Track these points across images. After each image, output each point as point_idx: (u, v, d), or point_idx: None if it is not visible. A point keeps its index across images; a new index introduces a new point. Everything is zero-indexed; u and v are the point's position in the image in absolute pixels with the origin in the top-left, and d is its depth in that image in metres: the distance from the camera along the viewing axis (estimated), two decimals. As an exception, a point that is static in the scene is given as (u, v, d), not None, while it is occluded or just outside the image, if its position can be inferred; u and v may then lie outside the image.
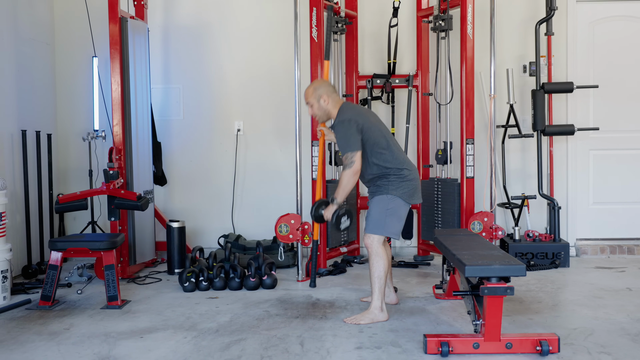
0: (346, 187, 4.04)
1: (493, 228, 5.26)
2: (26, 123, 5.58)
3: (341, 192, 4.06)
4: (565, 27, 6.07)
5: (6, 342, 3.68)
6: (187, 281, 4.85)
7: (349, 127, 4.03)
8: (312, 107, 4.24)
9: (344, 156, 4.03)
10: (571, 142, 6.11)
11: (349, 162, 4.00)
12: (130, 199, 4.96)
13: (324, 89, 4.23)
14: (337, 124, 4.13)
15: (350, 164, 3.99)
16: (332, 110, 4.20)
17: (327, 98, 4.19)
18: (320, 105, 4.20)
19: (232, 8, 6.27)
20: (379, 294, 3.98)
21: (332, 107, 4.20)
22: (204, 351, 3.48)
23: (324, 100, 4.19)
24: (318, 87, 4.26)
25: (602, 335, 3.67)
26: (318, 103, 4.20)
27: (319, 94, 4.20)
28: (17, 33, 5.57)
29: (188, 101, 6.31)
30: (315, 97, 4.20)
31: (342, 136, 4.05)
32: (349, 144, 4.01)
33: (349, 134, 4.02)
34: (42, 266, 5.47)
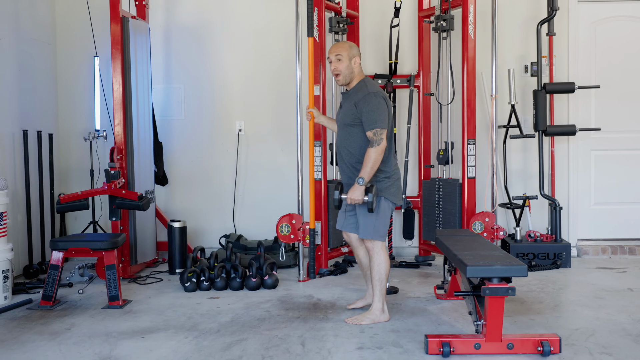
0: (375, 166, 3.82)
1: (494, 228, 5.26)
2: (28, 123, 5.58)
3: (369, 170, 3.81)
4: (567, 27, 6.06)
5: (7, 342, 3.68)
6: (189, 281, 4.85)
7: (381, 103, 3.87)
8: (339, 62, 3.96)
9: (371, 130, 3.82)
10: (573, 143, 6.11)
11: (378, 139, 3.81)
12: (132, 198, 4.96)
13: (358, 52, 4.04)
14: (367, 96, 3.88)
15: (380, 141, 3.81)
16: (356, 76, 4.02)
17: (358, 61, 4.02)
18: (351, 64, 3.97)
19: (234, 8, 6.26)
20: (380, 296, 3.96)
21: (358, 73, 4.02)
22: (205, 351, 3.48)
23: (355, 61, 4.00)
24: (354, 46, 4.05)
25: (603, 335, 3.66)
26: (349, 61, 3.97)
27: (354, 54, 4.00)
28: (18, 33, 5.58)
29: (189, 101, 6.31)
30: (349, 54, 3.97)
31: (374, 109, 3.84)
32: (380, 118, 3.83)
33: (381, 109, 3.85)
34: (43, 266, 5.47)
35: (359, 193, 3.82)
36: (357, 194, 3.82)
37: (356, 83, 4.03)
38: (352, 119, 3.95)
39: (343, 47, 4.03)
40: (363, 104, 3.88)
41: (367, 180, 3.82)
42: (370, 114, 3.85)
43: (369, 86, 3.97)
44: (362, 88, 3.97)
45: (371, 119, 3.84)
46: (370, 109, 3.85)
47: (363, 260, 4.20)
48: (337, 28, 5.73)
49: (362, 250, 4.17)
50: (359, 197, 3.82)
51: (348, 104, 4.00)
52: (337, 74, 4.00)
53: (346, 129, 4.01)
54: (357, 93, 3.97)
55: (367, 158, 3.83)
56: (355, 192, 3.82)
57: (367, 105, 3.87)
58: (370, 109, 3.86)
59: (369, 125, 3.85)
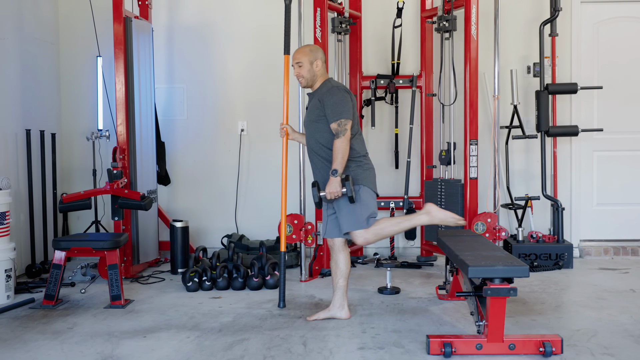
0: (345, 156, 3.83)
1: (496, 229, 5.26)
2: (30, 122, 5.59)
3: (341, 161, 3.82)
4: (570, 28, 6.06)
5: (10, 341, 3.69)
6: (191, 281, 4.86)
7: (344, 96, 3.91)
8: (301, 68, 4.01)
9: (336, 122, 3.84)
10: (575, 143, 6.10)
11: (342, 129, 3.82)
12: (134, 198, 4.97)
13: (321, 55, 4.07)
14: (330, 90, 3.93)
15: (344, 131, 3.82)
16: (319, 78, 4.04)
17: (320, 64, 4.04)
18: (312, 68, 4.01)
19: (236, 8, 6.27)
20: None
21: (320, 75, 4.05)
22: (207, 351, 3.48)
23: (317, 65, 4.02)
24: (315, 50, 4.08)
25: (605, 336, 3.66)
26: (310, 65, 4.00)
27: (315, 57, 4.02)
28: (21, 33, 5.59)
29: (192, 101, 6.32)
30: (310, 58, 4.02)
31: (337, 102, 3.87)
32: (343, 110, 3.86)
33: (344, 101, 3.88)
34: (45, 265, 5.49)
35: (336, 185, 3.81)
36: (334, 186, 3.82)
37: (320, 83, 4.06)
38: (317, 114, 3.97)
39: (303, 52, 4.06)
40: (327, 97, 3.92)
41: (340, 171, 3.82)
42: (334, 105, 3.88)
43: (333, 82, 4.04)
44: (325, 84, 4.02)
45: (335, 110, 3.87)
46: (334, 101, 3.88)
47: (341, 265, 4.05)
48: (340, 28, 5.74)
49: (343, 255, 4.06)
50: (337, 189, 3.81)
51: (314, 101, 4.03)
52: (301, 79, 4.06)
53: (312, 125, 4.01)
54: (321, 89, 4.01)
55: (336, 149, 3.83)
56: (332, 185, 3.82)
57: (330, 98, 3.90)
58: (333, 101, 3.89)
59: (333, 116, 3.86)
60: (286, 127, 4.39)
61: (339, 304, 4.04)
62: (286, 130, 4.39)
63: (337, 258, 4.06)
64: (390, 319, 4.05)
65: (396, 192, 6.01)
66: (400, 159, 6.09)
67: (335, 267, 4.06)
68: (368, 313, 4.19)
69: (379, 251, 6.07)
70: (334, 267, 4.08)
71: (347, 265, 4.06)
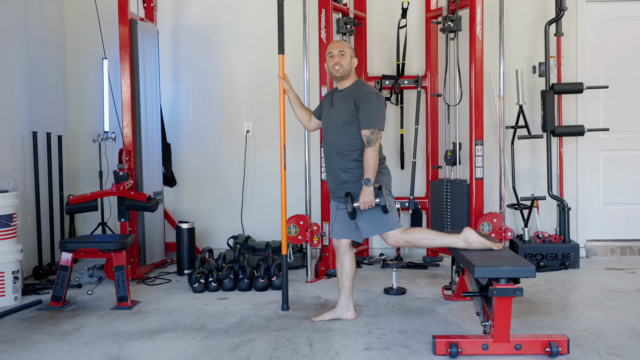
0: (376, 165, 3.80)
1: (502, 229, 5.25)
2: (37, 125, 5.61)
3: (373, 170, 3.77)
4: (575, 27, 6.05)
5: (17, 342, 3.70)
6: (197, 282, 4.87)
7: (381, 104, 3.86)
8: (343, 57, 3.94)
9: (369, 129, 3.78)
10: (581, 143, 6.09)
11: (374, 138, 3.78)
12: (140, 200, 4.98)
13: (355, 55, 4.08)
14: (369, 95, 3.84)
15: (376, 140, 3.78)
16: (352, 75, 4.00)
17: (356, 62, 4.04)
18: (351, 62, 3.97)
19: (241, 10, 6.28)
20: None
21: (353, 73, 4.01)
22: (213, 352, 3.49)
23: (354, 62, 4.00)
24: (353, 49, 4.08)
25: (612, 336, 3.65)
26: (350, 59, 3.97)
27: (354, 54, 4.03)
28: (28, 35, 5.61)
29: (197, 103, 6.33)
30: (351, 53, 4.00)
31: (374, 109, 3.81)
32: (379, 119, 3.82)
33: (380, 110, 3.84)
34: (52, 267, 5.51)
35: (370, 195, 3.76)
36: (367, 196, 3.77)
37: (352, 82, 4.01)
38: (351, 117, 3.89)
39: (345, 44, 4.05)
40: (364, 101, 3.83)
41: (373, 181, 3.78)
42: (371, 112, 3.81)
43: (368, 86, 3.97)
44: (361, 87, 3.94)
45: (371, 118, 3.81)
46: (371, 108, 3.82)
47: (347, 266, 4.05)
48: (345, 29, 5.74)
49: (348, 256, 4.06)
50: (371, 199, 3.76)
51: (345, 102, 3.94)
52: (339, 67, 3.94)
53: (341, 127, 3.92)
54: (356, 91, 3.92)
55: (368, 158, 3.79)
56: (365, 195, 3.77)
57: (368, 104, 3.83)
58: (371, 107, 3.82)
59: (367, 123, 3.81)
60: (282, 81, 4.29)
61: (345, 304, 4.04)
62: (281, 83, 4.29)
63: (343, 259, 4.06)
64: (396, 319, 4.05)
65: (402, 192, 6.01)
66: (406, 159, 6.09)
67: (341, 268, 4.06)
68: (374, 313, 4.19)
69: (384, 252, 6.07)
70: (339, 268, 4.08)
71: (353, 266, 4.06)
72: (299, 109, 4.33)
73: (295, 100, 4.32)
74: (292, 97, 4.31)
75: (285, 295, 4.32)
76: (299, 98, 4.36)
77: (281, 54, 4.44)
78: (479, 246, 3.79)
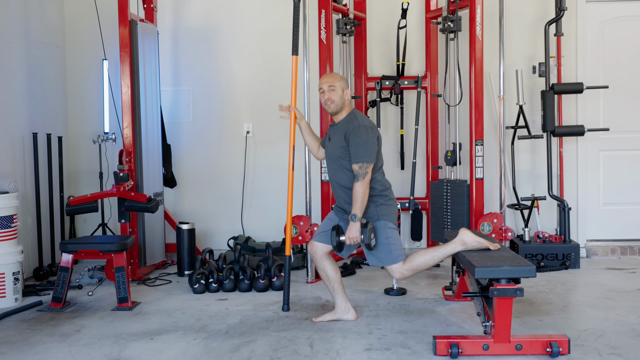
0: (364, 200, 3.79)
1: (503, 229, 5.25)
2: (37, 126, 5.62)
3: (360, 205, 3.77)
4: (575, 27, 6.05)
5: (18, 344, 3.70)
6: (197, 283, 4.87)
7: (371, 136, 3.85)
8: (333, 92, 3.95)
9: (357, 164, 3.80)
10: (581, 143, 6.09)
11: (363, 173, 3.78)
12: (141, 201, 4.98)
13: (347, 85, 4.06)
14: (357, 129, 3.84)
15: (365, 175, 3.78)
16: (346, 107, 4.00)
17: (349, 93, 4.02)
18: (343, 95, 3.97)
19: (241, 11, 6.29)
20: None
21: (347, 105, 4.01)
22: (214, 353, 3.49)
23: (346, 93, 3.99)
24: (344, 79, 4.05)
25: (612, 336, 3.65)
26: (342, 92, 3.96)
27: (346, 85, 4.01)
28: (28, 36, 5.61)
29: (197, 103, 6.33)
30: (342, 85, 3.98)
31: (363, 142, 3.81)
32: (367, 153, 3.80)
33: (370, 142, 3.83)
34: (53, 268, 5.51)
35: (356, 230, 3.78)
36: (354, 232, 3.78)
37: (345, 115, 3.99)
38: (342, 151, 3.91)
39: (336, 77, 4.02)
40: (353, 136, 3.84)
41: (359, 216, 3.78)
42: (359, 147, 3.82)
43: (360, 118, 3.93)
44: (352, 120, 3.92)
45: (359, 152, 3.81)
46: (359, 142, 3.82)
47: (330, 273, 4.05)
48: (345, 30, 5.75)
49: (327, 262, 4.07)
50: (356, 235, 3.78)
51: (338, 136, 3.96)
52: (331, 103, 3.96)
53: (337, 161, 3.96)
54: (347, 125, 3.92)
55: (356, 193, 3.79)
56: (351, 231, 3.78)
57: (356, 138, 3.83)
58: (358, 142, 3.82)
59: (355, 158, 3.82)
60: (294, 110, 4.30)
61: (344, 307, 4.06)
62: (293, 113, 4.29)
63: (323, 266, 4.07)
64: (397, 319, 4.05)
65: (402, 193, 6.01)
66: (406, 159, 6.10)
67: (325, 275, 4.09)
68: (374, 314, 4.19)
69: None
70: (324, 277, 4.10)
71: (336, 270, 4.08)
72: (310, 138, 4.33)
73: (307, 128, 4.33)
74: (303, 125, 4.33)
75: (287, 295, 4.31)
76: (309, 126, 4.37)
77: (295, 54, 4.47)
78: (477, 246, 3.79)
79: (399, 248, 3.91)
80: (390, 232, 3.90)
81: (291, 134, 4.35)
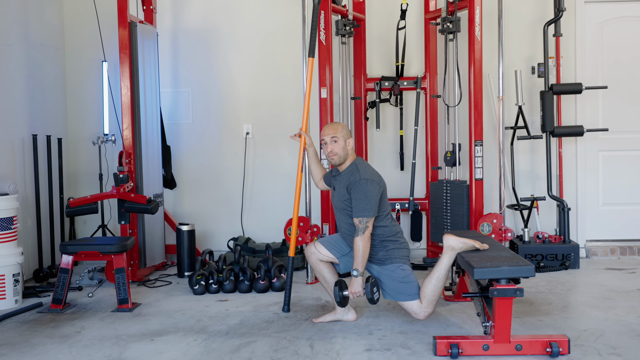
0: (365, 255, 3.80)
1: (502, 229, 5.25)
2: (37, 127, 5.62)
3: (361, 260, 3.78)
4: (574, 28, 6.06)
5: (18, 345, 3.71)
6: (197, 284, 4.87)
7: (373, 190, 3.83)
8: (335, 144, 3.94)
9: (357, 218, 3.79)
10: (580, 143, 6.09)
11: (363, 227, 3.78)
12: (140, 202, 4.99)
13: (350, 133, 4.03)
14: (359, 182, 3.83)
15: (365, 229, 3.78)
16: (349, 157, 3.99)
17: (352, 143, 4.00)
18: (346, 146, 3.95)
19: (241, 12, 6.29)
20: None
21: (351, 154, 4.00)
22: (214, 354, 3.49)
23: (349, 143, 3.97)
24: (346, 128, 4.02)
25: (612, 336, 3.66)
26: (345, 143, 3.95)
27: (348, 135, 3.98)
28: (27, 38, 5.62)
29: (197, 105, 6.33)
30: (344, 135, 3.96)
31: (364, 196, 3.80)
32: (368, 207, 3.79)
33: (372, 196, 3.81)
34: (53, 270, 5.51)
35: (358, 285, 3.80)
36: (356, 287, 3.81)
37: (349, 165, 3.99)
38: (346, 204, 3.93)
39: (337, 128, 3.99)
40: (354, 190, 3.85)
41: (361, 271, 3.80)
42: (359, 201, 3.81)
43: (362, 170, 3.91)
44: (354, 172, 3.92)
45: (359, 206, 3.81)
46: (360, 197, 3.82)
47: (327, 276, 4.09)
48: (344, 31, 5.75)
49: (324, 265, 4.10)
50: (359, 290, 3.81)
51: (341, 188, 3.97)
52: (333, 156, 3.97)
53: (342, 212, 3.99)
54: (349, 176, 3.93)
55: (356, 248, 3.80)
56: (354, 286, 3.81)
57: (357, 192, 3.83)
58: (359, 196, 3.82)
59: (356, 213, 3.82)
60: (304, 136, 4.32)
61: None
62: (303, 138, 4.31)
63: (320, 269, 4.11)
64: (397, 320, 4.06)
65: (401, 193, 6.01)
66: (406, 160, 6.10)
67: (322, 278, 4.13)
68: (375, 315, 4.20)
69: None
70: (322, 280, 4.14)
71: (333, 272, 4.12)
72: (315, 167, 4.34)
73: (314, 156, 4.34)
74: (311, 153, 4.34)
75: (288, 296, 4.31)
76: (317, 155, 4.39)
77: (311, 57, 4.47)
78: (464, 247, 3.82)
79: (415, 286, 3.89)
80: (405, 273, 3.91)
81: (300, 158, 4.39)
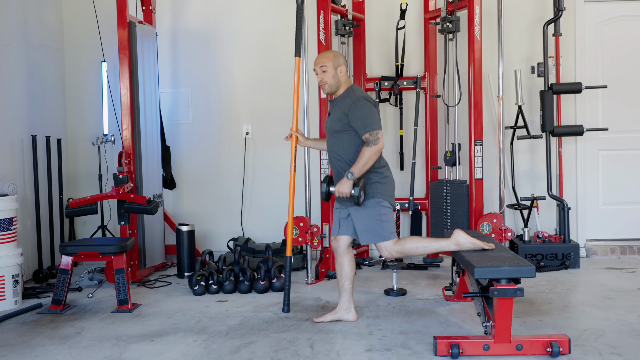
0: (367, 164, 3.79)
1: (502, 229, 5.25)
2: (36, 128, 5.61)
3: (360, 167, 3.78)
4: (574, 27, 6.05)
5: (18, 346, 3.70)
6: (197, 284, 4.87)
7: (371, 106, 3.88)
8: (325, 73, 3.95)
9: (367, 132, 3.80)
10: (580, 143, 6.09)
11: (374, 139, 3.79)
12: (140, 203, 4.98)
13: (344, 61, 4.01)
14: (357, 102, 3.86)
15: (376, 141, 3.79)
16: (342, 84, 3.99)
17: (344, 70, 4.00)
18: (336, 74, 3.95)
19: (240, 12, 6.29)
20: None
21: (344, 81, 3.99)
22: (214, 354, 3.49)
23: (341, 70, 3.97)
24: (338, 56, 4.02)
25: (612, 336, 3.65)
26: (335, 71, 3.94)
27: (339, 63, 3.97)
28: (26, 39, 5.61)
29: (196, 105, 6.33)
30: (334, 63, 3.95)
31: (366, 113, 3.83)
32: (374, 120, 3.83)
33: (373, 112, 3.87)
34: (52, 270, 5.51)
35: (347, 186, 3.79)
36: (344, 186, 3.80)
37: (343, 90, 4.01)
38: (341, 125, 3.92)
39: (327, 57, 4.01)
40: (354, 109, 3.87)
41: (356, 176, 3.79)
42: (363, 117, 3.84)
43: (357, 92, 3.95)
44: (349, 94, 3.95)
45: (365, 122, 3.84)
46: (362, 114, 3.85)
47: (346, 269, 4.04)
48: (343, 31, 5.75)
49: (347, 257, 4.05)
50: (346, 190, 3.79)
51: (337, 111, 3.98)
52: (324, 85, 3.99)
53: (335, 135, 3.98)
54: (345, 99, 3.95)
55: (362, 155, 3.80)
56: (342, 185, 3.80)
57: (358, 111, 3.86)
58: (361, 113, 3.85)
59: (364, 128, 3.83)
60: (295, 135, 4.37)
61: (346, 306, 4.05)
62: (295, 138, 4.37)
63: (342, 261, 4.05)
64: (397, 320, 4.05)
65: (401, 193, 6.00)
66: (405, 160, 6.10)
67: (341, 269, 4.06)
68: (375, 315, 4.19)
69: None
70: (339, 269, 4.07)
71: (352, 267, 4.06)
72: (320, 145, 4.40)
73: (314, 143, 4.43)
74: (310, 144, 4.42)
75: (287, 296, 4.31)
76: (315, 139, 4.47)
77: (297, 56, 4.48)
78: (471, 247, 3.81)
79: (391, 227, 3.93)
80: (384, 210, 3.91)
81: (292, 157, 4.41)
